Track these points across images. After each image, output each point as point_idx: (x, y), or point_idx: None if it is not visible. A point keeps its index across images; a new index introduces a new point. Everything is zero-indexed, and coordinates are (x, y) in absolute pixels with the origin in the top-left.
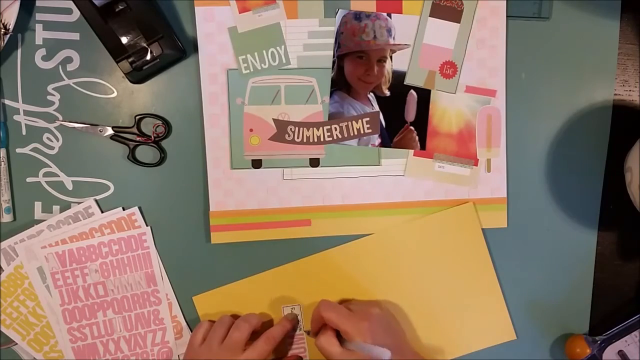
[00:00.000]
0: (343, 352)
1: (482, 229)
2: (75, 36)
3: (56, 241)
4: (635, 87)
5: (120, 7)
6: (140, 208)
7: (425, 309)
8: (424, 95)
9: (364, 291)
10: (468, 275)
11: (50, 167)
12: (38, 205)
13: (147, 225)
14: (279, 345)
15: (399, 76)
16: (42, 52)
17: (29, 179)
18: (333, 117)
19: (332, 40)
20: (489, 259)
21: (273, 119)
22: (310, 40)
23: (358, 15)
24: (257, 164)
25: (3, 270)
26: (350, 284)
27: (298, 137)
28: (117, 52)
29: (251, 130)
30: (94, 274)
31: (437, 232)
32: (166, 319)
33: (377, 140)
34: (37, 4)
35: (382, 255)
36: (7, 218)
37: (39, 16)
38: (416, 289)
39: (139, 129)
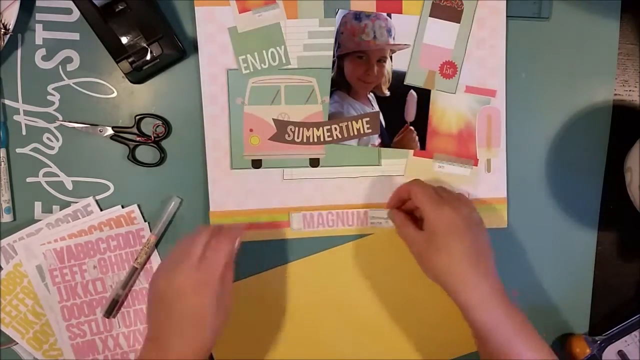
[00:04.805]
0: (416, 233)
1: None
2: (75, 36)
3: (55, 238)
4: (635, 87)
5: (120, 7)
6: (139, 206)
7: (425, 308)
8: (424, 95)
9: (364, 291)
10: None
11: (50, 167)
12: (38, 205)
13: (145, 222)
14: None
15: (399, 76)
16: (42, 52)
17: (29, 179)
18: (333, 117)
19: (332, 40)
20: None
21: (273, 119)
22: (310, 40)
23: (358, 16)
24: (257, 164)
25: (2, 269)
26: (350, 284)
27: (298, 137)
28: (117, 52)
29: (251, 130)
30: (92, 270)
31: None
32: None
33: (377, 140)
34: (37, 4)
35: (382, 255)
36: (7, 218)
37: (39, 16)
38: (416, 289)
39: (139, 129)
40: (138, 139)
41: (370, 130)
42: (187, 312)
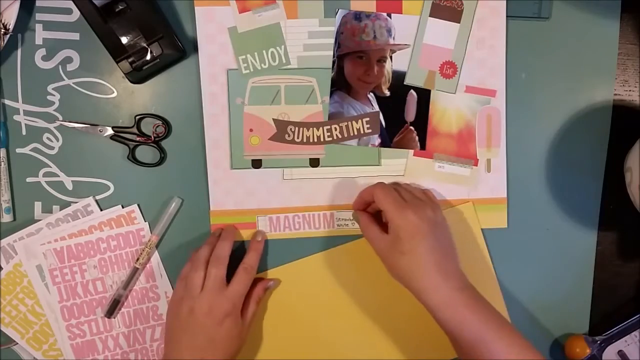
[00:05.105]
0: (380, 236)
1: (482, 229)
2: (75, 36)
3: (55, 238)
4: (635, 87)
5: (120, 7)
6: (139, 206)
7: (424, 308)
8: (424, 95)
9: (364, 291)
10: (467, 275)
11: (50, 167)
12: (38, 206)
13: (145, 221)
14: None
15: (399, 76)
16: (42, 52)
17: (29, 179)
18: (333, 117)
19: (332, 40)
20: (488, 259)
21: (273, 119)
22: (310, 40)
23: (358, 15)
24: (257, 164)
25: (2, 269)
26: (350, 283)
27: (298, 137)
28: (117, 52)
29: (251, 130)
30: (92, 270)
31: None
32: (165, 314)
33: (377, 140)
34: (37, 4)
35: (375, 257)
36: (7, 218)
37: (39, 16)
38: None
39: (139, 129)
40: (138, 139)
41: (370, 130)
42: (211, 337)
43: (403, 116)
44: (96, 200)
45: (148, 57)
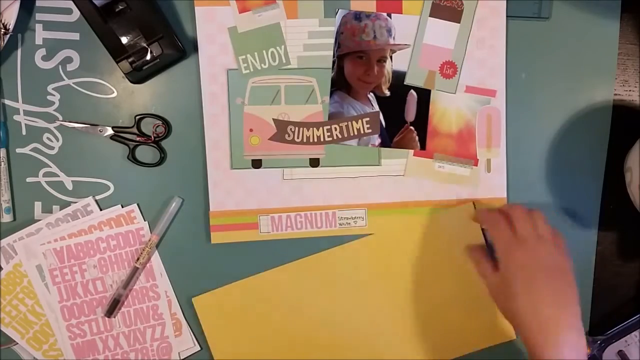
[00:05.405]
0: (492, 274)
1: (482, 229)
2: (75, 36)
3: (55, 238)
4: (635, 87)
5: (120, 7)
6: (139, 205)
7: (424, 309)
8: (424, 95)
9: (363, 290)
10: (467, 275)
11: (50, 167)
12: (38, 206)
13: (145, 221)
14: None
15: (399, 76)
16: (42, 52)
17: (29, 179)
18: (333, 117)
19: (332, 40)
20: None
21: (273, 119)
22: (310, 40)
23: (358, 15)
24: (257, 164)
25: (2, 269)
26: (350, 283)
27: (298, 137)
28: (117, 52)
29: (251, 130)
30: (92, 269)
31: (437, 232)
32: (165, 314)
33: (377, 140)
34: (37, 4)
35: (382, 255)
36: (7, 218)
37: (39, 16)
38: (415, 289)
39: (139, 129)
40: (138, 139)
41: (370, 130)
42: None
43: (403, 116)
44: (96, 200)
45: (148, 57)
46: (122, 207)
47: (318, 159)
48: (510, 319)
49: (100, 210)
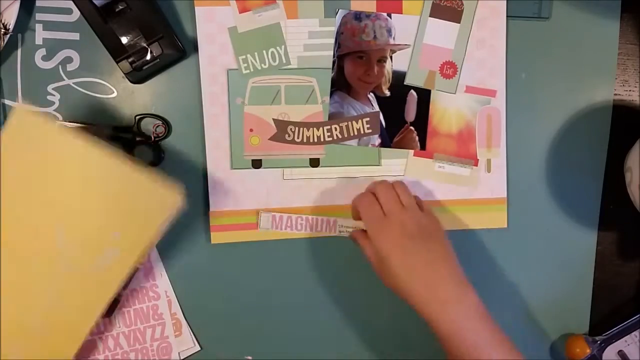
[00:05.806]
0: (372, 255)
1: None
2: (75, 36)
3: None
4: (635, 87)
5: (120, 7)
6: None
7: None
8: (424, 96)
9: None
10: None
11: None
12: None
13: None
14: None
15: (399, 76)
16: (42, 52)
17: None
18: (333, 117)
19: (332, 40)
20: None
21: (273, 119)
22: (310, 40)
23: (358, 16)
24: (257, 164)
25: None
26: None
27: (298, 137)
28: (117, 52)
29: (251, 130)
30: None
31: None
32: (165, 314)
33: (377, 141)
34: (37, 4)
35: None
36: None
37: (39, 16)
38: None
39: (139, 129)
40: (138, 139)
41: (370, 130)
42: None
43: (403, 116)
44: None
45: (148, 57)
46: None
47: (318, 159)
48: (398, 294)
49: None
